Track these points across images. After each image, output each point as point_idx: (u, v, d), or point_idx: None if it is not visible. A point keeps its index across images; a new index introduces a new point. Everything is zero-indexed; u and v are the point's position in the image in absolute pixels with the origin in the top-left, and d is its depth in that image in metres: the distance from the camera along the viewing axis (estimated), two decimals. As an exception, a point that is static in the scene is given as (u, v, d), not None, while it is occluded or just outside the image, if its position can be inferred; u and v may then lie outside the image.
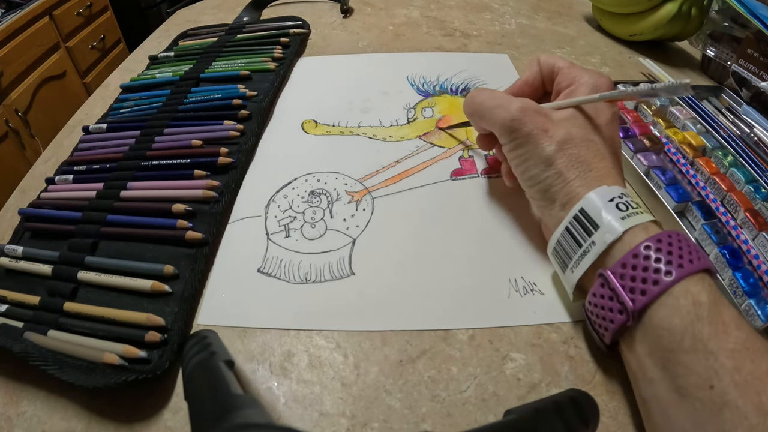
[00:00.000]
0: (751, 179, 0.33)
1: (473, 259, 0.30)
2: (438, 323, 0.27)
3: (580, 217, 0.24)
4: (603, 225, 0.23)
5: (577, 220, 0.24)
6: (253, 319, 0.27)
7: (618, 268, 0.22)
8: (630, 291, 0.21)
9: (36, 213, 0.32)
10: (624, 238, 0.23)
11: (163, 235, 0.30)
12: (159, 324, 0.25)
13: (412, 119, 0.42)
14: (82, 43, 1.46)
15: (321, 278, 0.29)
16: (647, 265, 0.21)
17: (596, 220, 0.23)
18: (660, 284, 0.21)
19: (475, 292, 0.28)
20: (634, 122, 0.39)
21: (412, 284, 0.28)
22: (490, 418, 0.23)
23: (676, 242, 0.22)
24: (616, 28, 0.55)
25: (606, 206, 0.23)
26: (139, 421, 0.23)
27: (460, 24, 0.58)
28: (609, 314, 0.22)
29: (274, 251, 0.31)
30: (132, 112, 0.41)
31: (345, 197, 0.34)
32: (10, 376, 0.25)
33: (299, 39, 0.52)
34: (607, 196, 0.24)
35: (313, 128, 0.41)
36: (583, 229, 0.24)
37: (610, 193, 0.24)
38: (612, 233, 0.23)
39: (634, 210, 0.23)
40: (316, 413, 0.23)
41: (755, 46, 0.43)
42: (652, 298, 0.21)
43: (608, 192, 0.24)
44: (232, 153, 0.36)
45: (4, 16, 1.20)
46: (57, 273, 0.28)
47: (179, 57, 0.50)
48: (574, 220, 0.25)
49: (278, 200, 0.34)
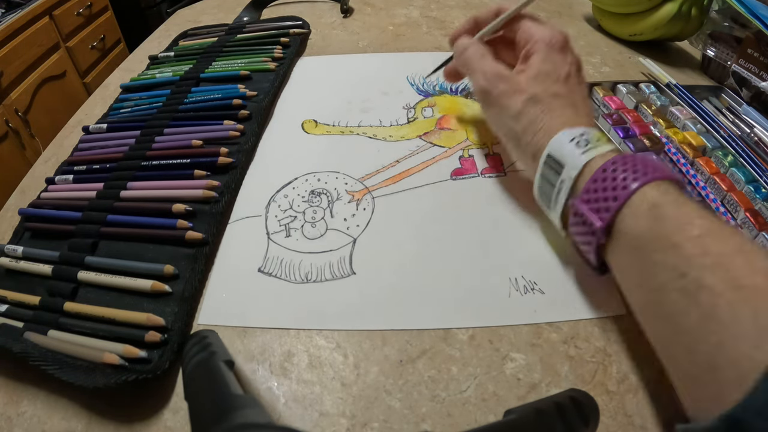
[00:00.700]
0: (751, 179, 0.33)
1: (474, 258, 0.30)
2: (439, 322, 0.27)
3: (549, 162, 0.27)
4: (567, 163, 0.26)
5: (547, 164, 0.27)
6: (254, 318, 0.27)
7: (584, 194, 0.24)
8: (596, 212, 0.24)
9: (36, 213, 0.32)
10: (585, 169, 0.25)
11: (163, 235, 0.30)
12: (159, 324, 0.25)
13: (412, 119, 0.42)
14: (82, 43, 1.46)
15: (322, 278, 0.29)
16: (606, 185, 0.23)
17: (561, 160, 0.26)
18: (619, 198, 0.23)
19: (476, 291, 0.28)
20: (634, 122, 0.39)
21: (413, 283, 0.28)
22: (490, 418, 0.23)
23: (631, 160, 0.24)
24: (616, 28, 0.55)
25: (567, 146, 0.26)
26: (139, 421, 0.23)
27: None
28: (585, 238, 0.25)
29: (275, 251, 0.31)
30: (132, 112, 0.41)
31: (345, 197, 0.34)
32: (10, 376, 0.25)
33: (299, 39, 0.52)
34: (568, 137, 0.26)
35: (313, 128, 0.41)
36: (553, 171, 0.26)
37: (570, 135, 0.26)
38: (574, 168, 0.25)
39: (593, 144, 0.25)
40: (316, 413, 0.23)
41: (755, 46, 0.43)
42: (614, 211, 0.23)
43: (569, 134, 0.26)
44: (232, 153, 0.36)
45: (5, 16, 1.20)
46: (57, 273, 0.28)
47: (179, 57, 0.50)
48: (545, 165, 0.27)
49: (278, 200, 0.34)
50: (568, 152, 0.26)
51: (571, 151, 0.26)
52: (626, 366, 0.24)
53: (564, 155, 0.26)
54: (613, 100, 0.42)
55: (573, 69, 0.30)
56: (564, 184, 0.26)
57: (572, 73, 0.30)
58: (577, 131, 0.26)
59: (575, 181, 0.25)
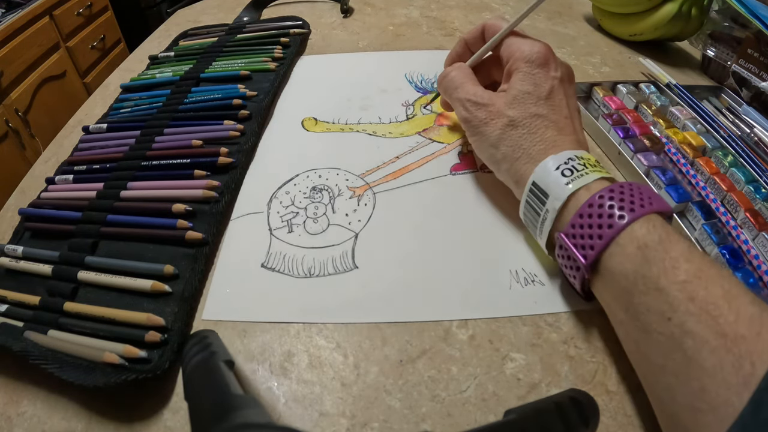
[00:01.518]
0: (751, 179, 0.33)
1: (474, 251, 0.30)
2: (441, 314, 0.27)
3: (534, 190, 0.26)
4: (551, 193, 0.25)
5: (533, 192, 0.27)
6: (258, 313, 0.27)
7: (569, 229, 0.24)
8: (581, 248, 0.23)
9: (36, 213, 0.32)
10: (570, 202, 0.24)
11: (164, 235, 0.30)
12: (159, 324, 0.25)
13: (411, 116, 0.42)
14: (83, 43, 1.46)
15: (325, 272, 0.29)
16: (591, 221, 0.23)
17: (545, 189, 0.26)
18: (604, 237, 0.22)
19: (477, 284, 0.28)
20: (634, 122, 0.39)
21: (415, 276, 0.29)
22: (490, 418, 0.23)
23: (618, 193, 0.23)
24: (616, 28, 0.55)
25: (552, 175, 0.25)
26: (139, 421, 0.23)
27: (460, 24, 0.58)
28: (571, 271, 0.25)
29: (278, 246, 0.31)
30: (132, 112, 0.41)
31: (347, 192, 0.34)
32: (10, 376, 0.25)
33: (299, 39, 0.52)
34: (553, 165, 0.26)
35: (313, 126, 0.41)
36: (538, 200, 0.26)
37: (556, 162, 0.26)
38: (558, 199, 0.25)
39: (579, 173, 0.25)
40: (316, 413, 0.23)
41: (755, 46, 0.43)
42: (599, 251, 0.23)
43: (554, 161, 0.26)
44: (232, 153, 0.36)
45: (5, 16, 1.20)
46: (57, 273, 0.28)
47: (179, 57, 0.50)
48: (530, 193, 0.27)
49: (280, 196, 0.34)
50: (553, 181, 0.25)
51: (556, 181, 0.25)
52: (626, 366, 0.24)
53: (549, 184, 0.25)
54: (613, 100, 0.42)
55: (557, 83, 0.29)
56: (549, 214, 0.25)
57: (555, 88, 0.29)
58: (563, 157, 0.26)
59: (560, 212, 0.25)
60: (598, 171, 0.25)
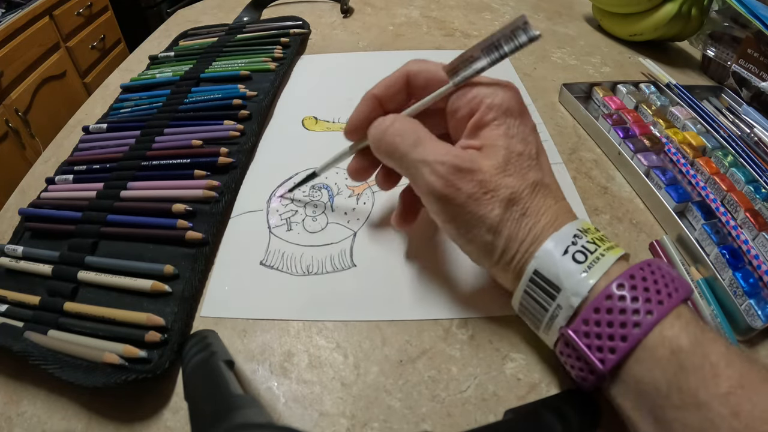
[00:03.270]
0: (751, 179, 0.33)
1: None
2: (438, 313, 0.27)
3: (536, 280, 0.21)
4: (564, 288, 0.20)
5: (535, 283, 0.21)
6: (256, 310, 0.27)
7: (581, 326, 0.20)
8: (597, 350, 0.19)
9: (36, 213, 0.32)
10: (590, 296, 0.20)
11: (164, 235, 0.30)
12: (159, 324, 0.25)
13: None
14: (83, 43, 1.46)
15: (323, 270, 0.29)
16: (612, 318, 0.19)
17: (555, 282, 0.20)
18: (629, 339, 0.18)
19: (475, 283, 0.28)
20: (634, 122, 0.39)
21: (413, 275, 0.29)
22: (490, 418, 0.23)
23: (640, 281, 0.19)
24: (616, 29, 0.55)
25: (562, 263, 0.20)
26: (139, 421, 0.23)
27: (461, 24, 0.58)
28: (580, 373, 0.20)
29: (276, 244, 0.31)
30: (132, 112, 0.41)
31: (346, 191, 0.34)
32: (10, 376, 0.25)
33: (299, 39, 0.52)
34: (561, 248, 0.21)
35: (313, 125, 0.41)
36: (545, 293, 0.21)
37: (562, 243, 0.21)
38: (577, 295, 0.20)
39: (593, 255, 0.20)
40: (316, 413, 0.23)
41: (755, 46, 0.43)
42: (623, 355, 0.19)
43: (560, 242, 0.21)
44: (232, 153, 0.36)
45: (5, 16, 1.20)
46: (57, 273, 0.28)
47: (179, 57, 0.50)
48: (531, 283, 0.21)
49: (279, 194, 0.34)
50: (565, 271, 0.20)
51: (569, 271, 0.20)
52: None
53: (559, 275, 0.20)
54: (613, 101, 0.42)
55: (537, 136, 0.24)
56: (562, 311, 0.20)
57: (539, 143, 0.24)
58: (567, 235, 0.21)
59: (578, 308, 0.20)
60: (611, 248, 0.21)
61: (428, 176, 0.22)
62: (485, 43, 0.23)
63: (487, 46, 0.23)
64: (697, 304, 0.27)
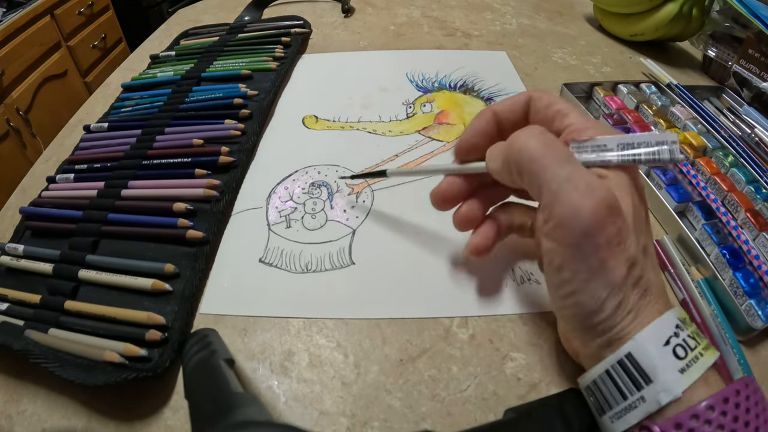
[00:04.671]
0: (751, 179, 0.33)
1: None
2: (437, 311, 0.27)
3: (626, 364, 0.19)
4: (657, 381, 0.18)
5: (623, 366, 0.19)
6: (255, 307, 0.27)
7: (671, 428, 0.17)
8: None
9: (37, 212, 0.32)
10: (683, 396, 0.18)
11: (164, 234, 0.30)
12: (159, 322, 0.25)
13: (411, 114, 0.42)
14: (84, 43, 1.46)
15: (322, 268, 0.29)
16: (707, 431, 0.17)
17: (649, 372, 0.18)
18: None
19: (473, 282, 0.28)
20: (635, 122, 0.39)
21: (412, 273, 0.29)
22: (490, 418, 0.23)
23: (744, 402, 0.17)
24: (617, 29, 0.55)
25: (661, 354, 0.18)
26: (139, 420, 0.23)
27: (461, 24, 0.58)
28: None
29: (276, 242, 0.31)
30: (133, 111, 0.41)
31: (345, 189, 0.35)
32: (10, 375, 0.25)
33: (300, 38, 0.52)
34: (663, 336, 0.18)
35: (313, 123, 0.41)
36: (631, 380, 0.19)
37: (665, 331, 0.19)
38: (668, 393, 0.18)
39: (694, 353, 0.18)
40: (317, 412, 0.23)
41: (756, 46, 0.43)
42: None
43: (663, 329, 0.19)
44: (233, 152, 0.36)
45: (6, 16, 1.20)
46: (58, 271, 0.28)
47: (180, 56, 0.50)
48: (619, 365, 0.19)
49: (279, 192, 0.34)
50: (662, 364, 0.18)
51: (666, 364, 0.18)
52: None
53: (655, 366, 0.18)
54: (614, 100, 0.42)
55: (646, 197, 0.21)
56: (644, 404, 0.18)
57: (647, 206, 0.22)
58: (670, 323, 0.19)
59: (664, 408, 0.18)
60: (707, 347, 0.19)
61: (577, 200, 0.19)
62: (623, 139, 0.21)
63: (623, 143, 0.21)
64: (697, 304, 0.27)
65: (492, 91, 0.45)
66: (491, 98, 0.44)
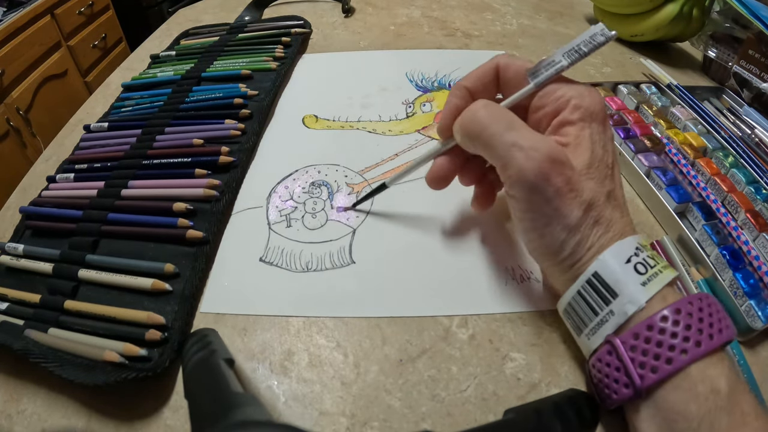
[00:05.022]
0: (751, 180, 0.33)
1: (471, 248, 0.30)
2: (437, 310, 0.27)
3: (594, 282, 0.21)
4: (622, 294, 0.20)
5: (591, 285, 0.21)
6: (255, 306, 0.27)
7: (629, 338, 0.20)
8: (639, 366, 0.19)
9: (37, 211, 0.32)
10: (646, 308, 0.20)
11: (164, 234, 0.30)
12: (159, 322, 0.25)
13: (410, 114, 0.42)
14: (84, 42, 1.46)
15: (322, 267, 0.29)
16: (662, 339, 0.19)
17: (614, 287, 0.21)
18: (674, 363, 0.19)
19: (473, 280, 0.29)
20: (635, 123, 0.39)
21: (412, 272, 0.29)
22: (489, 418, 0.23)
23: (696, 313, 0.19)
24: (617, 29, 0.55)
25: (623, 270, 0.21)
26: (139, 419, 0.23)
27: (462, 24, 0.58)
28: (614, 385, 0.20)
29: (276, 241, 0.31)
30: (133, 111, 0.41)
31: (345, 188, 0.35)
32: (10, 374, 0.25)
33: (300, 38, 0.52)
34: (624, 255, 0.21)
35: (313, 123, 0.41)
36: (599, 296, 0.21)
37: (626, 251, 0.21)
38: (633, 303, 0.20)
39: (653, 270, 0.21)
40: (316, 412, 0.23)
41: (756, 47, 0.43)
42: (663, 377, 0.19)
43: (624, 250, 0.21)
44: (233, 152, 0.36)
45: (6, 15, 1.20)
46: (58, 271, 0.28)
47: (180, 56, 0.50)
48: (587, 284, 0.21)
49: (279, 191, 0.34)
50: (625, 279, 0.20)
51: (629, 278, 0.20)
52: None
53: (619, 281, 0.20)
54: (614, 101, 0.42)
55: (614, 146, 0.24)
56: (614, 317, 0.20)
57: (615, 154, 0.24)
58: (630, 245, 0.21)
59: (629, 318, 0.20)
60: (667, 267, 0.21)
61: (522, 161, 0.21)
62: (565, 48, 0.24)
63: (567, 50, 0.24)
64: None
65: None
66: (491, 98, 0.44)
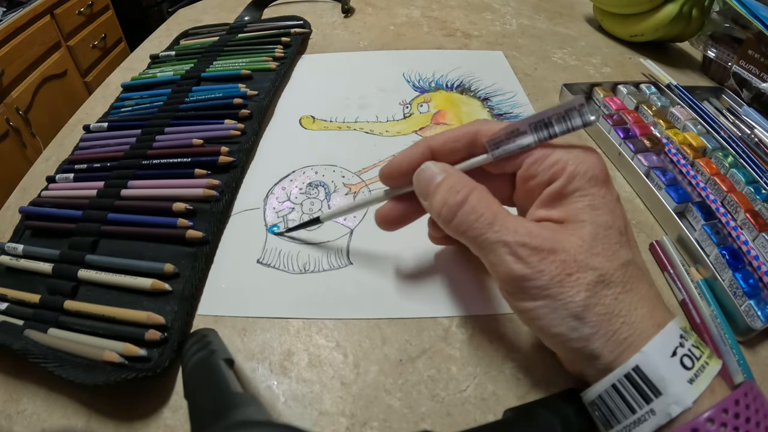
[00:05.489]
0: (751, 180, 0.33)
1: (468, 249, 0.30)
2: (436, 311, 0.27)
3: (634, 378, 0.18)
4: (666, 393, 0.18)
5: (630, 380, 0.19)
6: (253, 308, 0.27)
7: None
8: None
9: (37, 211, 0.32)
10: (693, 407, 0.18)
11: (164, 234, 0.30)
12: (159, 322, 0.25)
13: (408, 114, 0.42)
14: (83, 42, 1.46)
15: (320, 268, 0.29)
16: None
17: (657, 384, 0.18)
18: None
19: (471, 282, 0.28)
20: (634, 123, 0.39)
21: (409, 274, 0.29)
22: (489, 418, 0.23)
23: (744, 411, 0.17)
24: (617, 29, 0.55)
25: (669, 365, 0.18)
26: (138, 419, 0.23)
27: (461, 24, 0.58)
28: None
29: (273, 242, 0.31)
30: (133, 111, 0.41)
31: (342, 189, 0.35)
32: (10, 374, 0.25)
33: (300, 38, 0.52)
34: (669, 347, 0.18)
35: (310, 124, 0.41)
36: (639, 393, 0.18)
37: (671, 342, 0.19)
38: (679, 404, 0.18)
39: (700, 362, 0.18)
40: (316, 412, 0.23)
41: (756, 47, 0.43)
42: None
43: (668, 340, 0.19)
44: (232, 152, 0.36)
45: (6, 15, 1.20)
46: (57, 271, 0.28)
47: (180, 56, 0.50)
48: (626, 379, 0.19)
49: (276, 192, 0.34)
50: (670, 376, 0.18)
51: (675, 376, 0.18)
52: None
53: (663, 378, 0.18)
54: (614, 101, 0.42)
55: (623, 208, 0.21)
56: (653, 417, 0.18)
57: (626, 216, 0.21)
58: (674, 333, 0.19)
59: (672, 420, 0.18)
60: (713, 357, 0.19)
61: (508, 260, 0.20)
62: (535, 118, 0.21)
63: (536, 122, 0.21)
64: (696, 305, 0.27)
65: (488, 90, 0.45)
66: (488, 98, 0.44)
